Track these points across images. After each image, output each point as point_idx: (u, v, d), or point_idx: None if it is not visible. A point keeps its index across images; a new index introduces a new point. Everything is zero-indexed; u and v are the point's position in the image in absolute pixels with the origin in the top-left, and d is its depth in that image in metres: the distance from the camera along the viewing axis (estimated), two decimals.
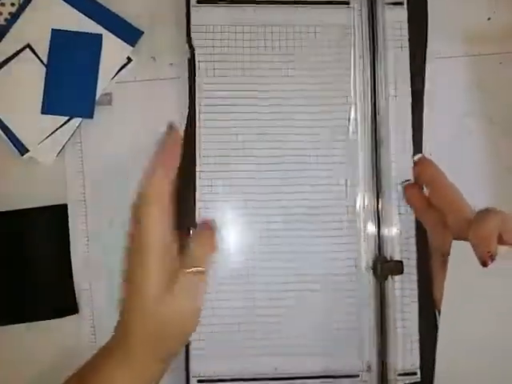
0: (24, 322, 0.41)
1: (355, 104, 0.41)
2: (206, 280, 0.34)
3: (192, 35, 0.40)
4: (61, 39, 0.41)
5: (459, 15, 0.43)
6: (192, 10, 0.40)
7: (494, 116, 0.43)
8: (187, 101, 0.40)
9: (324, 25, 0.41)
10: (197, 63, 0.40)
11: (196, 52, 0.40)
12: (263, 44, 0.41)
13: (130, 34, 0.42)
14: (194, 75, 0.40)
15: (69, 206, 0.41)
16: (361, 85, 0.41)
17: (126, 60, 0.42)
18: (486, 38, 0.44)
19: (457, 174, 0.38)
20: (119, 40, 0.42)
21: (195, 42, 0.40)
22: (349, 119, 0.41)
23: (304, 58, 0.41)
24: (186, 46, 0.40)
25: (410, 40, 0.41)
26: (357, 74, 0.41)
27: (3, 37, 0.41)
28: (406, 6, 0.41)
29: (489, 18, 0.44)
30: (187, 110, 0.40)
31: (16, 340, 0.41)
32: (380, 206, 0.40)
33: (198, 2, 0.40)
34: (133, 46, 0.42)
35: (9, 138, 0.41)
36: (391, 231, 0.40)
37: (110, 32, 0.42)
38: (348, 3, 0.41)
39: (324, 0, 0.41)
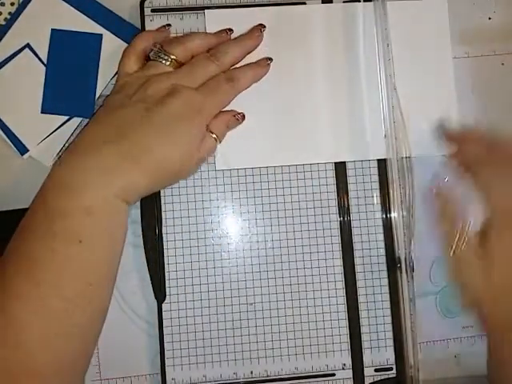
0: None
1: None
2: None
3: None
4: (60, 39, 0.41)
5: (459, 15, 0.43)
6: (146, 19, 0.41)
7: (497, 118, 0.43)
8: None
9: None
10: None
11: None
12: None
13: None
14: None
15: None
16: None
17: None
18: (487, 39, 0.44)
19: None
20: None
21: None
22: None
23: None
24: None
25: None
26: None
27: (3, 37, 0.41)
28: None
29: (489, 18, 0.44)
30: None
31: None
32: None
33: (153, 11, 0.41)
34: None
35: (9, 138, 0.41)
36: None
37: (110, 32, 0.42)
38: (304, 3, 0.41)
39: (280, 2, 0.41)
